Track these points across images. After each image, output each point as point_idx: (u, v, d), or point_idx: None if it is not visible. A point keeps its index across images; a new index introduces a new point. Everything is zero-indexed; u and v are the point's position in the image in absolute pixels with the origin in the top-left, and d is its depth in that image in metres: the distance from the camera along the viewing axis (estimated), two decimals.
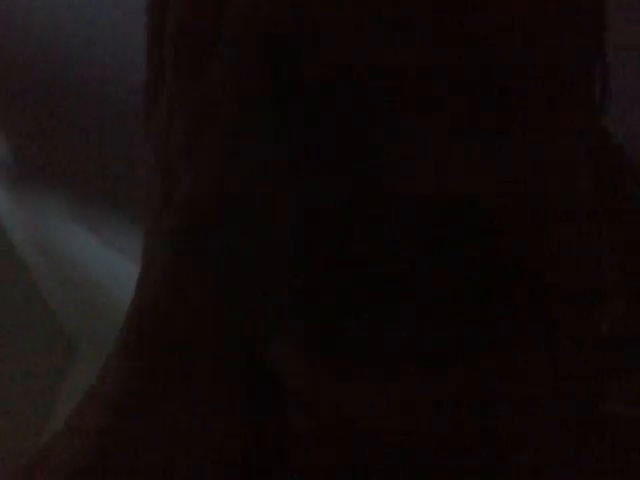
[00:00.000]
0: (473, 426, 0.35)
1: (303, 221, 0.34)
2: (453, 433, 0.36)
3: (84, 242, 2.24)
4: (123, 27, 1.63)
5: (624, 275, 0.45)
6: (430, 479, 0.35)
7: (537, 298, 0.35)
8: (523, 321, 0.35)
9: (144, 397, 0.32)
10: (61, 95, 1.82)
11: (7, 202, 2.11)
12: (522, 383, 0.35)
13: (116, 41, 1.67)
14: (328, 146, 0.35)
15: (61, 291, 2.44)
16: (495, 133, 0.36)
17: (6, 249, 2.23)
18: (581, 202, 0.39)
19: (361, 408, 0.33)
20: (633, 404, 0.46)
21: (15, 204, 2.12)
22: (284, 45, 0.34)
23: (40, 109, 1.84)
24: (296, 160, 0.34)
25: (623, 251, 0.46)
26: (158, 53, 0.38)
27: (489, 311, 0.34)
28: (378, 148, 0.35)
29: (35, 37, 1.69)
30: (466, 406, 0.35)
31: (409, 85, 0.35)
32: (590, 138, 0.42)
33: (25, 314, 2.35)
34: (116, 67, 1.75)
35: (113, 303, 2.46)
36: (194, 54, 0.35)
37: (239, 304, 0.32)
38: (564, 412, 0.41)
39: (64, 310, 2.51)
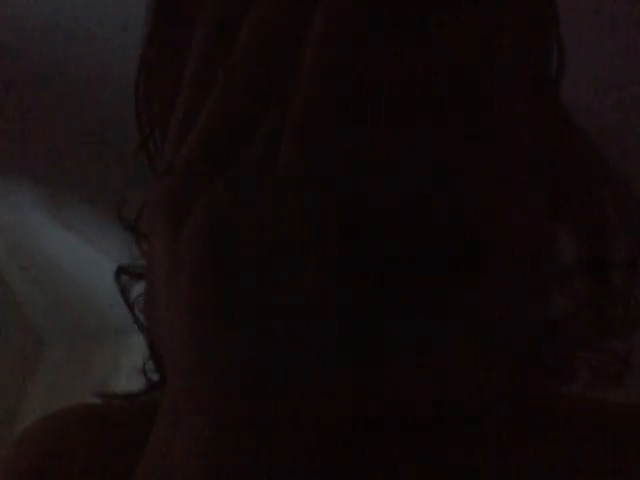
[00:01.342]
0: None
1: None
2: (453, 433, 0.36)
3: (57, 237, 2.23)
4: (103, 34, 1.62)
5: (584, 258, 0.46)
6: (429, 478, 0.35)
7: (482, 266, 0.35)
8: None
9: None
10: (38, 91, 1.80)
11: None
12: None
13: (96, 49, 1.66)
14: None
15: (31, 287, 2.43)
16: (464, 117, 0.36)
17: None
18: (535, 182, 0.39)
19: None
20: (595, 385, 0.46)
21: None
22: None
23: (15, 104, 1.83)
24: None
25: (583, 233, 0.46)
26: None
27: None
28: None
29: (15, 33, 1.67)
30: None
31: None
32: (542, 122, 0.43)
33: None
34: (98, 66, 1.74)
35: (84, 300, 2.45)
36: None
37: None
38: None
39: (33, 306, 2.49)
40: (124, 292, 0.50)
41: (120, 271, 0.51)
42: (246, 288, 0.30)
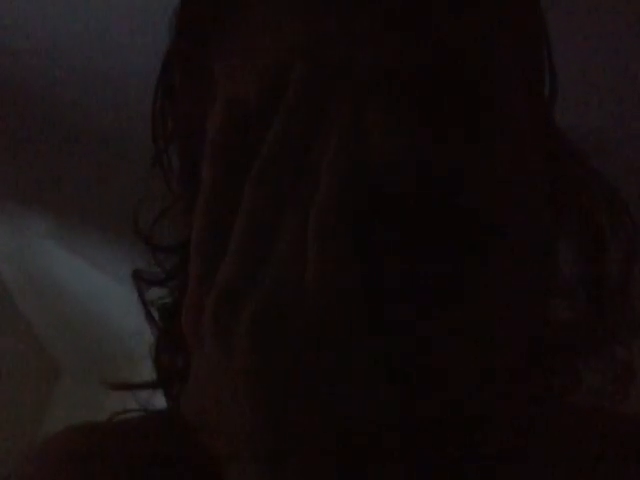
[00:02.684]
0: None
1: None
2: (453, 433, 0.36)
3: (66, 262, 2.23)
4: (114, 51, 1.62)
5: (583, 270, 0.47)
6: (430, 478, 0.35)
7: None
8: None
9: None
10: (44, 111, 1.81)
11: None
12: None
13: (108, 67, 1.67)
14: None
15: (44, 315, 2.43)
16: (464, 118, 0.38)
17: None
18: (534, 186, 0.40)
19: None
20: (601, 392, 0.47)
21: None
22: None
23: (20, 123, 1.83)
24: None
25: (582, 248, 0.47)
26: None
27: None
28: None
29: (24, 49, 1.68)
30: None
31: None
32: (542, 127, 0.44)
33: (8, 339, 2.33)
34: (102, 84, 1.74)
35: (96, 326, 2.45)
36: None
37: None
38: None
39: (48, 334, 2.49)
40: (141, 292, 0.53)
41: (136, 274, 0.53)
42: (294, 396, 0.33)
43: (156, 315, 0.52)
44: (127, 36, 1.58)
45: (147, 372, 0.53)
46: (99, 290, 2.22)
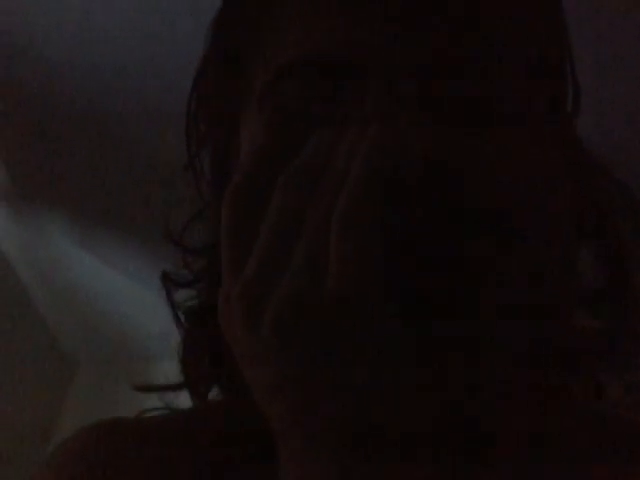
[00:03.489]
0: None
1: None
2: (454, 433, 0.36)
3: (85, 262, 2.24)
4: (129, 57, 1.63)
5: (605, 283, 0.47)
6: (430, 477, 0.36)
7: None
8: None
9: None
10: (65, 116, 1.82)
11: (6, 221, 2.11)
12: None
13: (123, 68, 1.67)
14: None
15: (61, 313, 2.43)
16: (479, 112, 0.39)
17: (4, 269, 2.23)
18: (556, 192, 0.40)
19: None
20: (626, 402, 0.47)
21: (14, 224, 2.12)
22: None
23: (42, 129, 1.84)
24: None
25: (603, 259, 0.47)
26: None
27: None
28: None
29: (40, 57, 1.69)
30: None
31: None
32: (563, 135, 0.44)
33: (24, 334, 2.34)
34: (123, 89, 1.75)
35: (114, 325, 2.46)
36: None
37: None
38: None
39: (65, 332, 2.49)
40: (169, 294, 0.54)
41: (165, 276, 0.54)
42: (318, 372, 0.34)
43: (182, 317, 0.53)
44: (150, 36, 1.59)
45: (163, 370, 0.54)
46: (115, 288, 2.23)
